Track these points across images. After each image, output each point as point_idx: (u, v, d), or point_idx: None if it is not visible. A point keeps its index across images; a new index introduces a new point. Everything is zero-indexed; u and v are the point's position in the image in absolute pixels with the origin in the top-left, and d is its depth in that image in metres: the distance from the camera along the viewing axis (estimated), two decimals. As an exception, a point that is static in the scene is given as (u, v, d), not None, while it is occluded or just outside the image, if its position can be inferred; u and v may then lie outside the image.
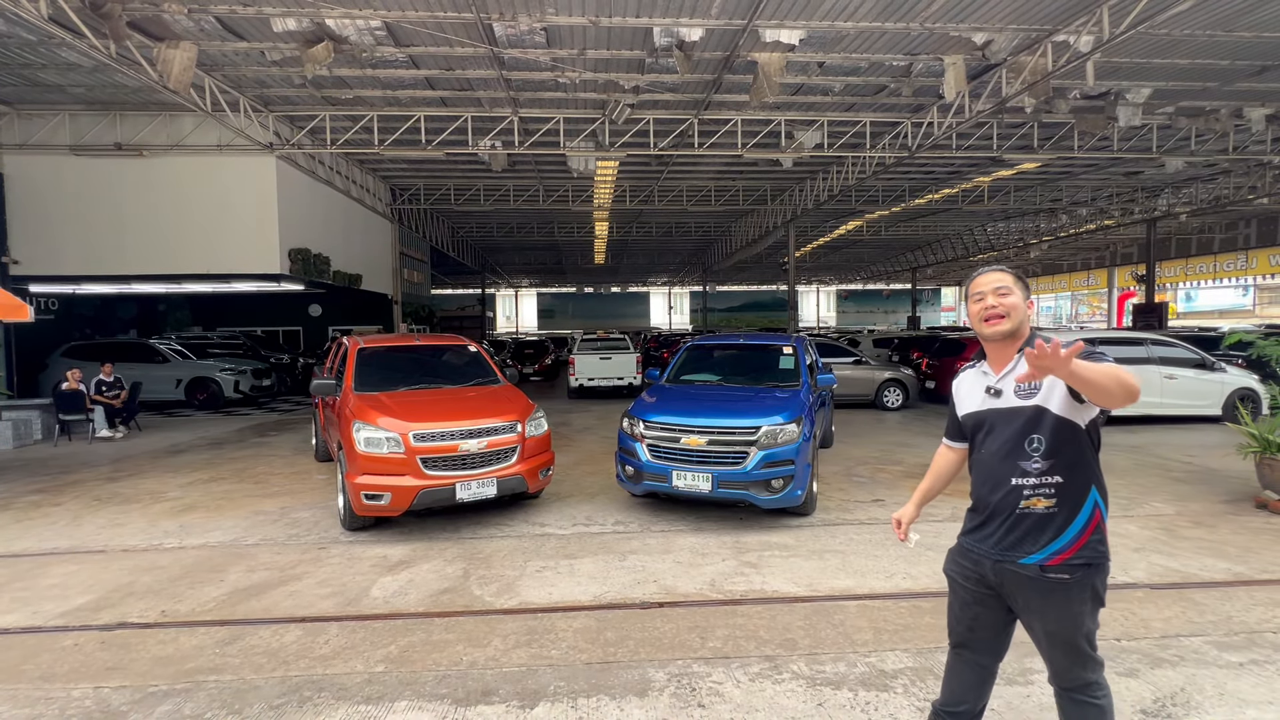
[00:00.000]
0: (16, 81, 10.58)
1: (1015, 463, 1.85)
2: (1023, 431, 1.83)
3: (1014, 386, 1.86)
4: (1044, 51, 9.32)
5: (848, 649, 3.23)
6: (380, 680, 2.98)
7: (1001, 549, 1.90)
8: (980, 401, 1.95)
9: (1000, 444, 1.88)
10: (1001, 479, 1.88)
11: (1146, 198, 21.13)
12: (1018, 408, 1.84)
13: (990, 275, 1.92)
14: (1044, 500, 1.83)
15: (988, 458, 1.92)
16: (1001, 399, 1.88)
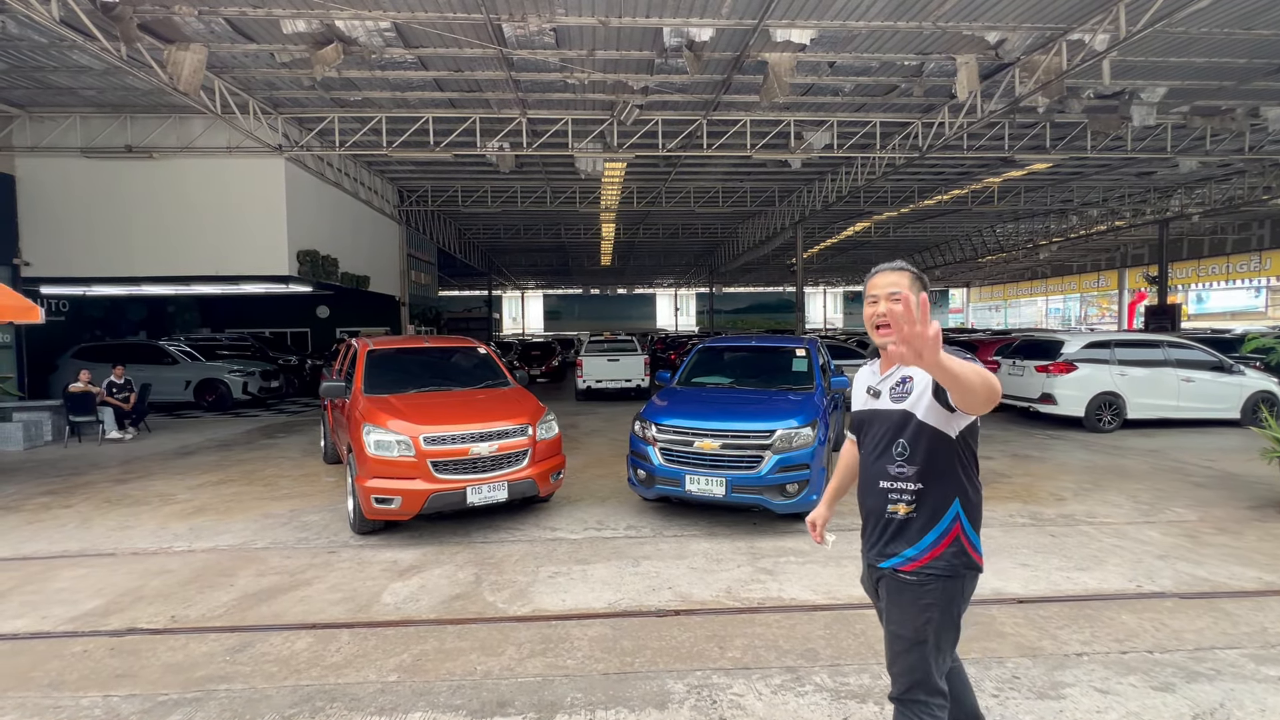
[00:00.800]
0: (28, 85, 10.62)
1: (884, 466, 1.85)
2: (891, 435, 1.83)
3: (890, 389, 1.86)
4: (1058, 50, 9.21)
5: (871, 660, 3.14)
6: (393, 690, 2.92)
7: (874, 553, 1.91)
8: (863, 401, 1.96)
9: (873, 446, 1.89)
10: (873, 481, 1.89)
11: (1159, 198, 20.91)
12: (889, 410, 1.85)
13: (885, 276, 1.86)
14: (905, 506, 1.82)
15: (864, 459, 1.94)
16: (879, 401, 1.89)
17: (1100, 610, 3.67)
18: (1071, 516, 5.59)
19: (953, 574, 1.81)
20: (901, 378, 1.85)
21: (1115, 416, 9.80)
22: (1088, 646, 3.24)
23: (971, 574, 1.85)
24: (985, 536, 5.02)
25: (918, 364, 1.44)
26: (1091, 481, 6.81)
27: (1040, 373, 10.12)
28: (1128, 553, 4.66)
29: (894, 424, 1.83)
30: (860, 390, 1.99)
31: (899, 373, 1.85)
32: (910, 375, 1.82)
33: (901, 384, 1.83)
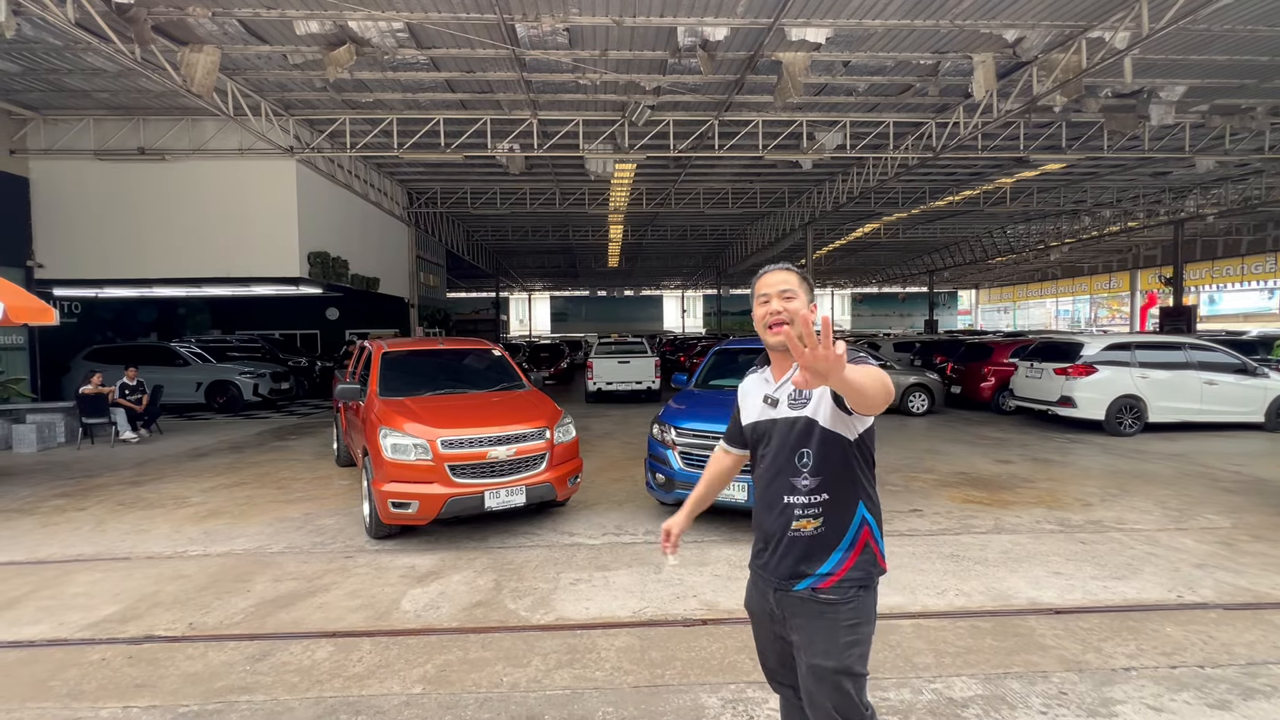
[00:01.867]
0: (43, 87, 10.65)
1: (787, 479, 1.73)
2: (794, 446, 1.71)
3: (789, 396, 1.73)
4: (1078, 48, 9.08)
5: (909, 673, 3.04)
6: (419, 703, 2.84)
7: (779, 575, 1.74)
8: (759, 411, 1.80)
9: (773, 459, 1.76)
10: (775, 498, 1.75)
11: (1174, 199, 20.67)
12: (790, 419, 1.72)
13: (776, 275, 1.77)
14: (812, 522, 1.70)
15: (763, 474, 1.79)
16: (778, 409, 1.75)
17: (1143, 622, 3.56)
18: (1100, 523, 5.47)
19: (869, 582, 1.72)
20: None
21: (1136, 420, 9.64)
22: (1135, 660, 3.13)
23: (878, 580, 1.76)
24: (1013, 543, 4.97)
25: (823, 384, 1.36)
26: (1117, 487, 6.67)
27: (1059, 375, 9.97)
28: (1163, 561, 4.53)
29: (797, 433, 1.71)
30: (753, 400, 1.83)
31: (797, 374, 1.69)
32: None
33: (799, 389, 1.70)
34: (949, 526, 5.41)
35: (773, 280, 1.76)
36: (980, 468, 7.64)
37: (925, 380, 12.52)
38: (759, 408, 1.80)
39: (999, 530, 5.30)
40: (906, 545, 4.94)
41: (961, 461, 8.01)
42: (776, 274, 1.77)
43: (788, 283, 1.74)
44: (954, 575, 4.32)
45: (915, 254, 34.99)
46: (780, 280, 1.75)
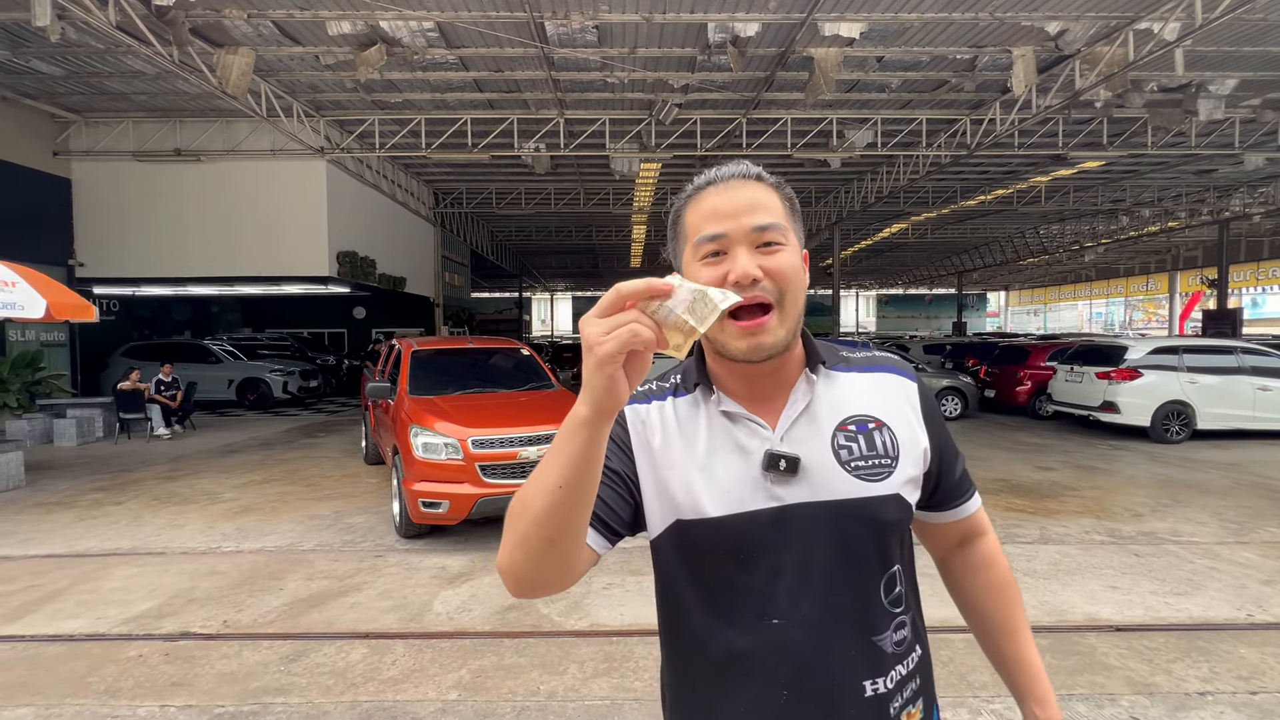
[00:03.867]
0: (85, 90, 10.91)
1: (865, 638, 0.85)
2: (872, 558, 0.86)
3: (834, 448, 0.84)
4: (1124, 41, 8.76)
5: (966, 692, 2.89)
6: (455, 710, 2.77)
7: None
8: (749, 489, 0.82)
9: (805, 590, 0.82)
10: (843, 681, 0.84)
11: (1218, 198, 19.92)
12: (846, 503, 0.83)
13: (739, 190, 0.81)
14: (915, 711, 0.92)
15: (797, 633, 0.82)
16: (806, 481, 0.82)
17: (1213, 642, 3.35)
18: (1154, 534, 5.21)
19: None
20: (855, 421, 0.86)
21: (1184, 427, 9.25)
22: (1209, 685, 2.93)
23: None
24: (1062, 554, 4.75)
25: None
26: (1169, 497, 6.38)
27: (1101, 380, 9.62)
28: (1227, 576, 4.29)
29: (876, 530, 0.83)
30: (718, 461, 0.83)
31: (821, 402, 0.86)
32: (873, 417, 0.87)
33: (862, 434, 0.85)
34: (992, 535, 5.20)
35: (732, 203, 0.80)
36: (1020, 474, 7.39)
37: (958, 383, 12.21)
38: (744, 479, 0.81)
39: (1045, 540, 5.09)
40: (949, 554, 4.75)
41: (1000, 468, 7.75)
42: (738, 188, 0.81)
43: (765, 208, 0.80)
44: (1002, 587, 4.13)
45: (944, 255, 34.31)
46: (749, 201, 0.80)
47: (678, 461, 0.83)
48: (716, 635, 0.82)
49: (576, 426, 0.65)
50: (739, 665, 0.81)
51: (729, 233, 0.79)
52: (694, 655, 0.85)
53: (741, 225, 0.79)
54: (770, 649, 0.80)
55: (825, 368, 0.88)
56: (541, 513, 0.68)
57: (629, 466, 0.85)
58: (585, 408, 0.64)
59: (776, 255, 0.79)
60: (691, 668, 0.86)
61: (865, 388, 0.89)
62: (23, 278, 6.49)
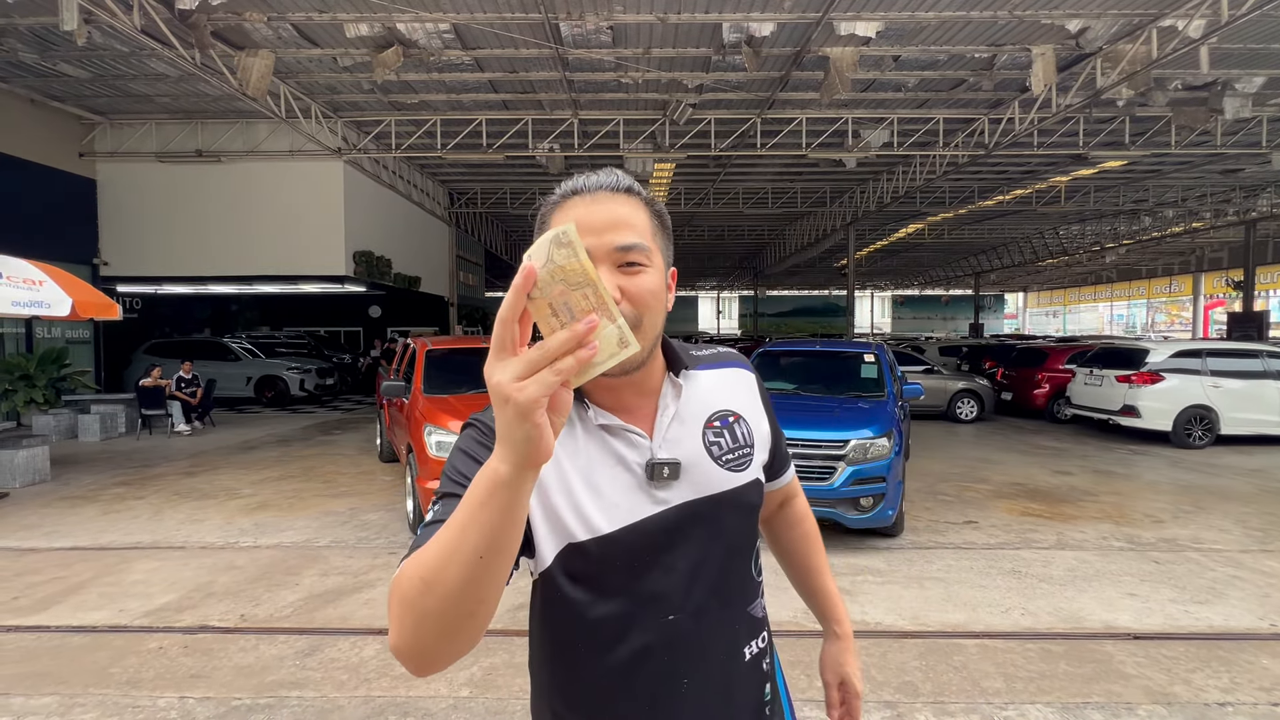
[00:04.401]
0: (110, 93, 11.14)
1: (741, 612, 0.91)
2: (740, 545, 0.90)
3: (705, 444, 0.87)
4: (1147, 38, 8.60)
5: (979, 698, 2.86)
6: (466, 707, 2.80)
7: None
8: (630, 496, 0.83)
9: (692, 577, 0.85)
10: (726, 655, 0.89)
11: (1244, 198, 19.50)
12: (717, 498, 0.86)
13: (605, 204, 0.79)
14: (769, 660, 0.97)
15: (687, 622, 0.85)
16: (686, 481, 0.84)
17: (1234, 652, 3.28)
18: (1174, 541, 5.12)
19: None
20: (718, 417, 0.90)
21: (1207, 432, 9.07)
22: (1230, 695, 2.88)
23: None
24: (1079, 560, 4.69)
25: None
26: (1191, 503, 6.26)
27: (1122, 383, 9.46)
28: (1250, 585, 4.20)
29: (740, 515, 0.88)
30: (593, 470, 0.82)
31: (688, 403, 0.88)
32: (731, 411, 0.91)
33: (725, 429, 0.89)
34: (1007, 540, 5.15)
35: (597, 217, 0.78)
36: (1037, 478, 7.29)
37: (975, 386, 12.07)
38: (629, 489, 0.82)
39: (1062, 546, 5.02)
40: (964, 559, 4.71)
41: (1017, 471, 7.66)
42: (604, 201, 0.79)
43: (629, 225, 0.78)
44: (1017, 593, 4.08)
45: (961, 255, 33.94)
46: (612, 217, 0.78)
47: (563, 484, 0.80)
48: (616, 646, 0.82)
49: (496, 487, 0.56)
50: (640, 667, 0.82)
51: (591, 249, 0.73)
52: (589, 670, 0.83)
53: (604, 242, 0.76)
54: (669, 644, 0.82)
55: (685, 370, 0.89)
56: (458, 587, 0.59)
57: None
58: (505, 465, 0.55)
59: (637, 277, 0.77)
60: (588, 683, 0.84)
61: (720, 384, 0.93)
62: (50, 276, 6.65)
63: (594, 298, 0.54)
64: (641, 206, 0.81)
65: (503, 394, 0.52)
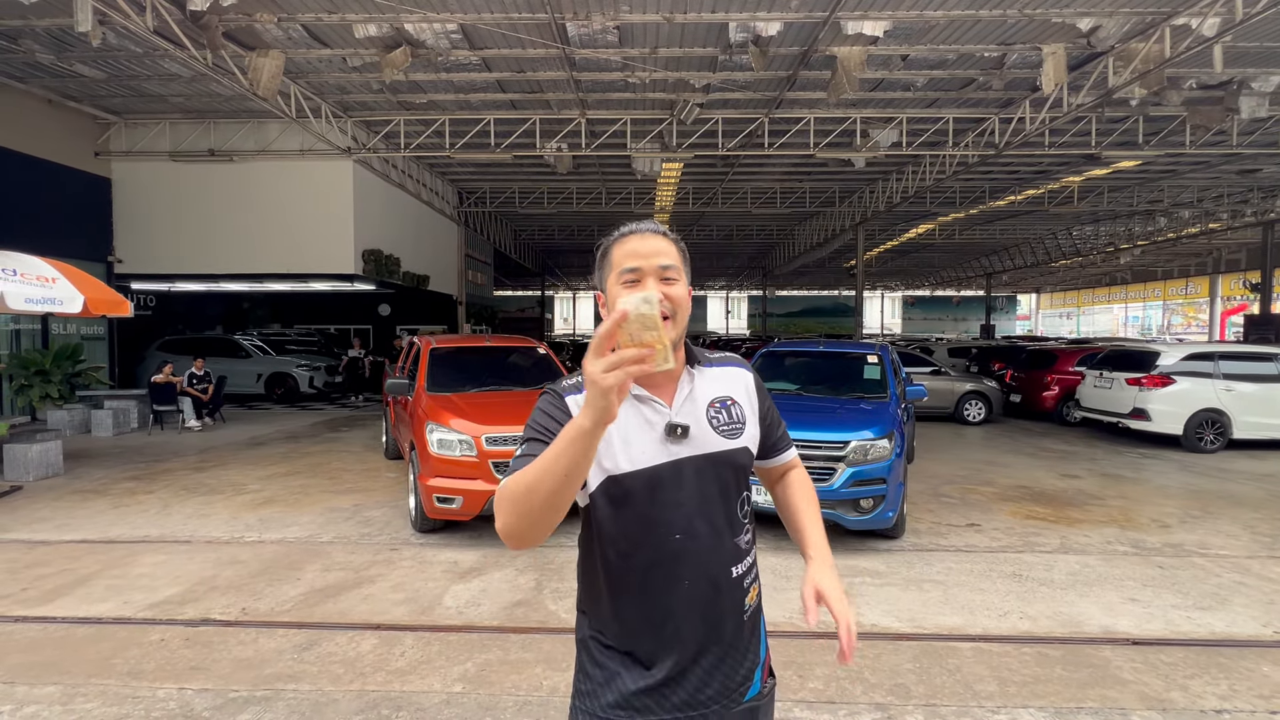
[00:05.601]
0: (124, 93, 11.31)
1: (730, 541, 1.18)
2: (733, 492, 1.19)
3: (710, 418, 1.19)
4: (1160, 37, 8.49)
5: (970, 701, 2.85)
6: (458, 702, 2.83)
7: (726, 689, 1.18)
8: (653, 448, 1.14)
9: (697, 515, 1.15)
10: (716, 571, 1.16)
11: (1262, 198, 19.19)
12: (717, 455, 1.17)
13: (650, 241, 1.16)
14: (756, 587, 1.24)
15: (687, 546, 1.14)
16: (688, 442, 1.15)
17: (1235, 659, 3.24)
18: (1180, 546, 5.06)
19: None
20: (719, 400, 1.21)
21: (1219, 436, 8.94)
22: (1227, 702, 2.84)
23: None
24: (1082, 564, 4.65)
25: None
26: (1199, 508, 6.18)
27: (1132, 385, 9.35)
28: (1255, 592, 4.15)
29: (734, 471, 1.19)
30: (632, 433, 1.14)
31: (699, 388, 1.20)
32: (729, 396, 1.23)
33: (723, 409, 1.21)
34: (1010, 544, 5.11)
35: (645, 248, 1.15)
36: (1044, 482, 7.22)
37: (982, 387, 11.97)
38: (652, 442, 1.13)
39: (1065, 550, 4.97)
40: (964, 562, 4.68)
41: (1023, 474, 7.59)
42: (650, 239, 1.16)
43: (668, 254, 1.15)
44: (1017, 596, 4.06)
45: (972, 256, 33.64)
46: (657, 249, 1.15)
47: (611, 436, 1.12)
48: (638, 552, 1.15)
49: (580, 433, 0.89)
50: (655, 569, 1.14)
51: (642, 267, 1.13)
52: (620, 569, 1.16)
53: (651, 263, 1.14)
54: (675, 556, 1.14)
55: (699, 365, 1.24)
56: (551, 493, 0.93)
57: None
58: (588, 421, 0.87)
59: (673, 286, 1.14)
60: (618, 578, 1.17)
61: (723, 377, 1.27)
62: (62, 274, 6.76)
63: (656, 336, 0.86)
64: (673, 244, 1.20)
65: (594, 378, 0.84)
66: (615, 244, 1.19)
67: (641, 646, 1.16)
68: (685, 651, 1.15)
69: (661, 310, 0.98)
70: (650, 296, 0.89)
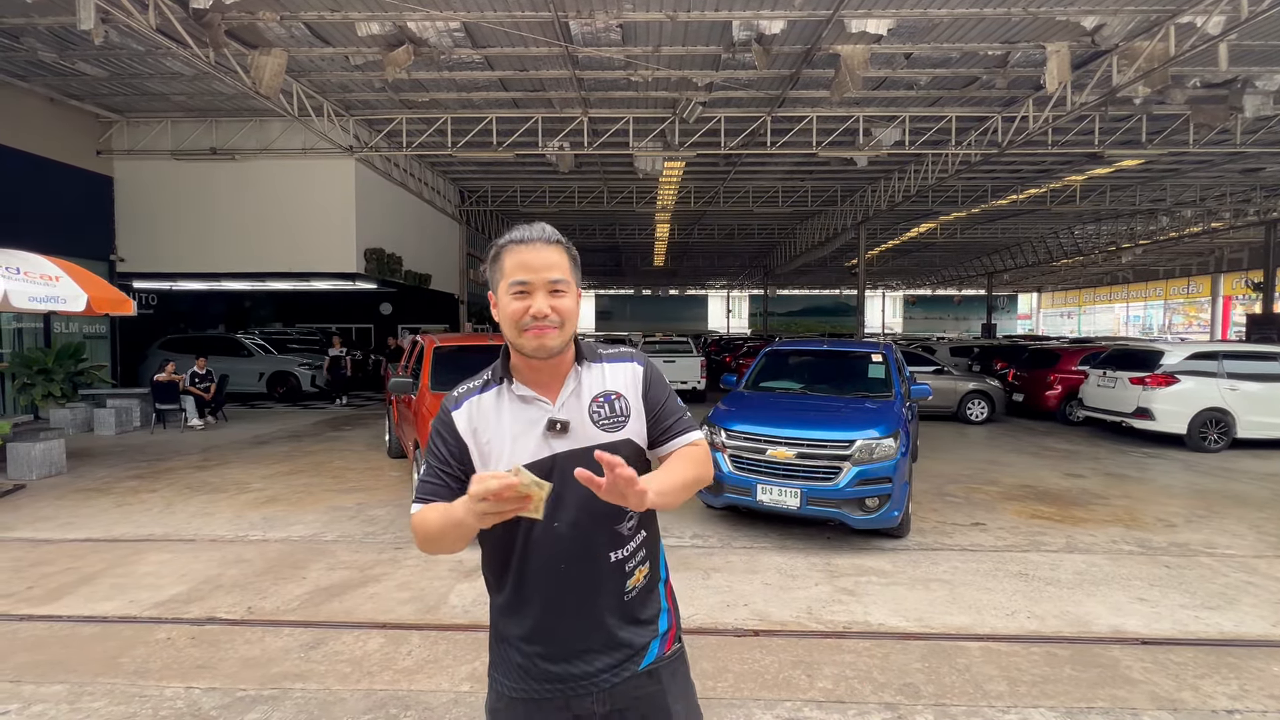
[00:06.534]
0: (127, 91, 11.30)
1: (609, 528, 1.27)
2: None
3: (592, 414, 1.28)
4: (1165, 35, 8.47)
5: (980, 701, 2.84)
6: (466, 701, 2.82)
7: (613, 661, 1.28)
8: (534, 444, 1.25)
9: (579, 507, 1.23)
10: (590, 557, 1.26)
11: (1265, 197, 19.16)
12: (602, 446, 1.19)
13: (539, 252, 1.22)
14: (642, 569, 1.32)
15: (564, 533, 1.24)
16: (569, 437, 1.25)
17: (1244, 659, 3.23)
18: (1186, 546, 5.05)
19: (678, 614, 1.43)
20: (603, 395, 1.30)
21: (1223, 435, 8.93)
22: (1238, 702, 2.83)
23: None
24: (1088, 563, 4.63)
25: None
26: (1204, 507, 6.17)
27: (1135, 385, 9.33)
28: (1263, 591, 4.13)
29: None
30: (518, 429, 1.26)
31: (585, 384, 1.30)
32: (614, 391, 1.32)
33: (606, 403, 1.29)
34: (1015, 543, 5.10)
35: (534, 260, 1.21)
36: (1048, 481, 7.21)
37: (985, 386, 11.96)
38: (534, 439, 1.24)
39: (1071, 549, 4.96)
40: (970, 561, 4.67)
41: (1026, 474, 7.58)
42: (539, 250, 1.22)
43: (558, 267, 1.22)
44: (1024, 596, 4.05)
45: (973, 255, 33.61)
46: (546, 262, 1.21)
47: (493, 439, 1.27)
48: (517, 539, 1.26)
49: (459, 523, 1.11)
50: (534, 551, 1.26)
51: (532, 280, 1.21)
52: (505, 552, 1.28)
53: (541, 277, 1.21)
54: (552, 541, 1.25)
55: (587, 362, 1.32)
56: (447, 542, 1.19)
57: (463, 451, 1.28)
58: (466, 519, 1.07)
59: (561, 299, 1.23)
60: (504, 559, 1.29)
61: (612, 373, 1.34)
62: (65, 272, 6.75)
63: (539, 494, 1.02)
64: (564, 252, 1.26)
65: (472, 506, 1.04)
66: (506, 250, 1.24)
67: (526, 626, 1.28)
68: (568, 631, 1.27)
69: (548, 324, 1.21)
70: (542, 483, 1.03)
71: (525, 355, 1.25)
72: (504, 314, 1.24)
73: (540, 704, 1.27)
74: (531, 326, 1.20)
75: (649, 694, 1.31)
